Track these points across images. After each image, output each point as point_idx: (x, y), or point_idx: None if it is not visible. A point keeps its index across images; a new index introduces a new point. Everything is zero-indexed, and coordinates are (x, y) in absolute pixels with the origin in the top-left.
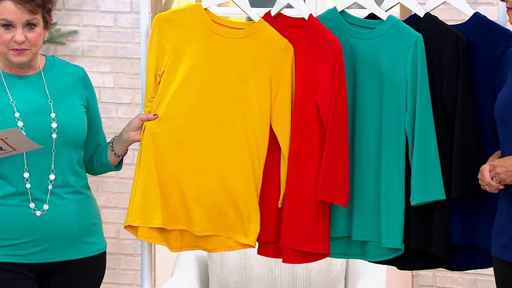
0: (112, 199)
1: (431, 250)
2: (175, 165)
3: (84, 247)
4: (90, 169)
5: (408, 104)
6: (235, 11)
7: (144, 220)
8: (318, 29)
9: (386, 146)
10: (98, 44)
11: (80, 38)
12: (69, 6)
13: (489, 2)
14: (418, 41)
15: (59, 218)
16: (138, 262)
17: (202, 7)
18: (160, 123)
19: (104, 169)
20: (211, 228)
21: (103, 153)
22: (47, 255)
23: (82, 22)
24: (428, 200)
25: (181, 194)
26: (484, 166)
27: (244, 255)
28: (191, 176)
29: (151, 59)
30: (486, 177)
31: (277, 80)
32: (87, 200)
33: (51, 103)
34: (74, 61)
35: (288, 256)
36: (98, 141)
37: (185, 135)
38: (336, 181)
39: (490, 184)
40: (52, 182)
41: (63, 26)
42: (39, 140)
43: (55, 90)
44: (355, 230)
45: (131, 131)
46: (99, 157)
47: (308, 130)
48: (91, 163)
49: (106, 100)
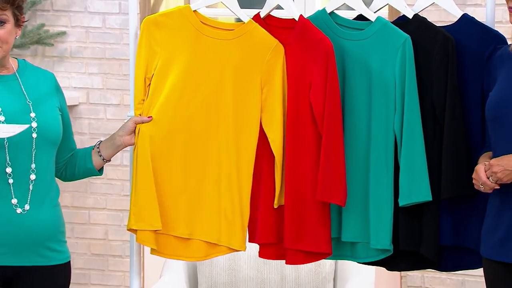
0: (100, 200)
1: (420, 251)
2: (168, 168)
3: (50, 254)
4: (68, 175)
5: (397, 104)
6: (224, 13)
7: (145, 223)
8: (308, 30)
9: (375, 147)
10: (86, 45)
11: (69, 39)
12: (57, 7)
13: (477, 4)
14: (407, 42)
15: (34, 222)
16: (127, 264)
17: (191, 9)
18: (154, 125)
19: (86, 175)
20: (200, 232)
21: (86, 159)
22: (11, 258)
23: (70, 23)
24: (415, 201)
25: (172, 197)
26: (479, 165)
27: (233, 256)
28: (182, 179)
29: (141, 62)
30: (482, 176)
31: (268, 81)
32: (58, 207)
33: (30, 103)
34: (62, 62)
35: (292, 257)
36: (71, 146)
37: (176, 137)
38: (334, 181)
39: (486, 184)
40: (33, 182)
41: (51, 27)
42: (19, 139)
43: (33, 93)
44: (345, 231)
45: (125, 135)
46: (80, 162)
47: (302, 131)
48: (70, 169)
49: (94, 101)
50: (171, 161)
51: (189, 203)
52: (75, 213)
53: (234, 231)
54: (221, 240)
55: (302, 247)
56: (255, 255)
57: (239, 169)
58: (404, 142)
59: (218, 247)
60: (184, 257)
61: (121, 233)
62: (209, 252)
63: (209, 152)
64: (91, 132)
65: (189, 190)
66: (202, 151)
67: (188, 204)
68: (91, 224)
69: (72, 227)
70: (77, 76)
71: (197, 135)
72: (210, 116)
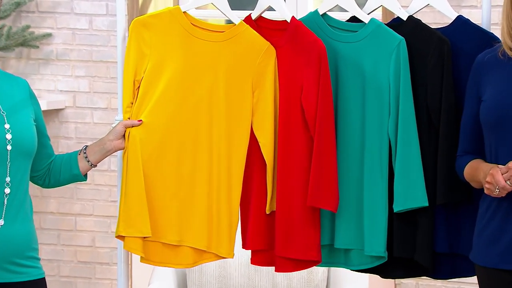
0: (87, 206)
1: (415, 258)
2: (159, 173)
3: (22, 270)
4: (51, 182)
5: (391, 108)
6: (214, 14)
7: (135, 229)
8: (301, 31)
9: (369, 151)
10: (73, 47)
11: (54, 41)
12: (43, 8)
13: (473, 5)
14: (401, 44)
15: (6, 237)
16: (114, 271)
17: (180, 10)
18: (145, 129)
19: (71, 181)
20: (189, 239)
21: (72, 165)
22: None
23: (56, 24)
24: (410, 207)
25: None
26: (495, 169)
27: (224, 263)
28: (173, 185)
29: (129, 65)
30: (501, 180)
31: (259, 84)
32: (32, 223)
33: (4, 113)
34: (48, 64)
35: (281, 265)
36: (49, 152)
37: (167, 142)
38: (326, 186)
39: (505, 188)
40: (7, 196)
41: (37, 29)
42: None
43: (7, 102)
44: (338, 238)
45: (116, 139)
46: (66, 169)
47: (293, 135)
48: (54, 176)
49: (81, 105)
50: (162, 166)
51: (179, 209)
52: (61, 219)
53: (222, 238)
54: (210, 246)
55: (291, 255)
56: (246, 262)
57: (230, 174)
58: (399, 146)
59: (206, 254)
60: (172, 264)
61: (109, 240)
62: (197, 259)
63: (200, 156)
64: (78, 137)
65: (180, 196)
66: (193, 155)
67: (178, 210)
68: (78, 230)
69: (58, 234)
70: (63, 79)
71: (188, 139)
72: (202, 120)
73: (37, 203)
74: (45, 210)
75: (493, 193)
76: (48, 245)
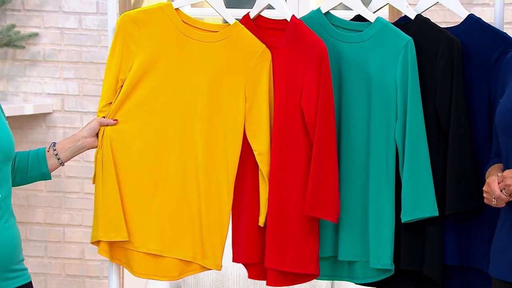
0: (76, 216)
1: (424, 271)
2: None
3: (13, 275)
4: (16, 181)
5: (398, 112)
6: (211, 13)
7: (116, 234)
8: (301, 31)
9: (375, 158)
10: (61, 48)
11: (42, 41)
12: (29, 6)
13: (485, 3)
14: (409, 44)
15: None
16: (105, 285)
17: (172, 7)
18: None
19: (38, 179)
20: (173, 249)
21: (41, 163)
22: None
23: (43, 23)
24: (420, 216)
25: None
26: (491, 178)
27: (221, 276)
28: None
29: (114, 61)
30: (496, 190)
31: (253, 88)
32: (16, 227)
33: None
34: (35, 66)
35: (273, 279)
36: None
37: (149, 146)
38: (325, 194)
39: (500, 198)
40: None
41: (23, 28)
42: None
43: None
44: (342, 250)
45: (90, 137)
46: (33, 167)
47: (292, 141)
48: (20, 174)
49: (70, 108)
50: (140, 170)
51: (161, 218)
52: (49, 230)
53: (209, 249)
54: (196, 257)
55: (285, 268)
56: (244, 276)
57: (219, 182)
58: (407, 152)
59: (192, 265)
60: (156, 276)
61: None
62: (183, 271)
63: (187, 163)
64: None
65: (161, 204)
66: (178, 161)
67: (159, 219)
68: (66, 242)
69: (45, 245)
70: (51, 81)
71: (172, 144)
72: (188, 124)
73: (23, 213)
74: (31, 220)
75: (491, 202)
76: (35, 257)
